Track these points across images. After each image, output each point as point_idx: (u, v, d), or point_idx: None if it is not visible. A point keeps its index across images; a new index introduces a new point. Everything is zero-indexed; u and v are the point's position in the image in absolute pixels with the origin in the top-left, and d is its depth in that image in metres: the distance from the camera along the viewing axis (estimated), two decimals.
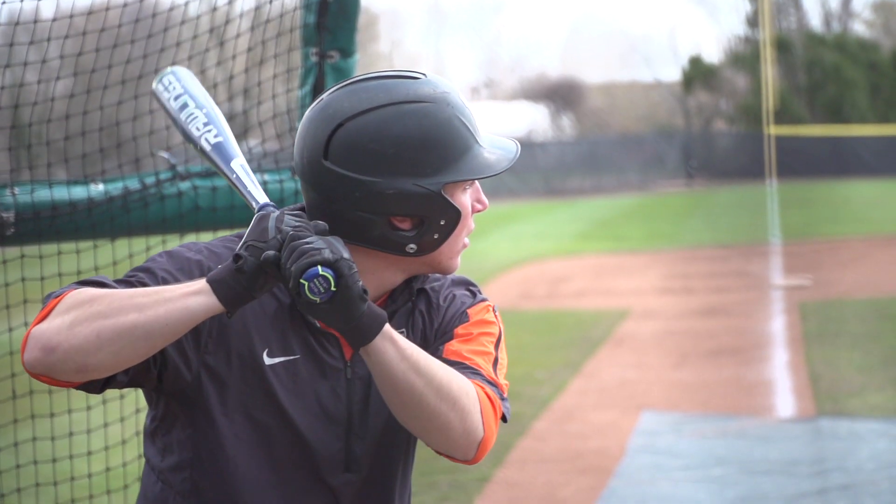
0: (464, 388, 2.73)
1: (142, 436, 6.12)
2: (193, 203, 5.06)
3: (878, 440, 9.75)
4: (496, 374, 2.86)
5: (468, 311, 2.93)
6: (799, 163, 48.70)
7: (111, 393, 5.78)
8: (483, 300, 2.98)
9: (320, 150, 2.75)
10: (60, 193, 4.85)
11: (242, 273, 2.57)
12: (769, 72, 28.54)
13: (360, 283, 2.55)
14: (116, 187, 4.99)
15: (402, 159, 2.73)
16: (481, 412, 2.75)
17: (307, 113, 2.82)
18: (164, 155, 5.16)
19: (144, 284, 2.75)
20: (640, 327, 16.28)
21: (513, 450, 9.94)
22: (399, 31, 69.23)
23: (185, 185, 5.07)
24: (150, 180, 5.05)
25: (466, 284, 3.00)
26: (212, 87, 5.32)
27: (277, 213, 2.65)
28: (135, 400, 5.75)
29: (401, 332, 2.85)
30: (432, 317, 2.93)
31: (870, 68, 57.40)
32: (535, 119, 63.31)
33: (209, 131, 2.93)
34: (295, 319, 2.83)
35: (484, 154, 2.81)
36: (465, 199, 2.83)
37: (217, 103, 3.03)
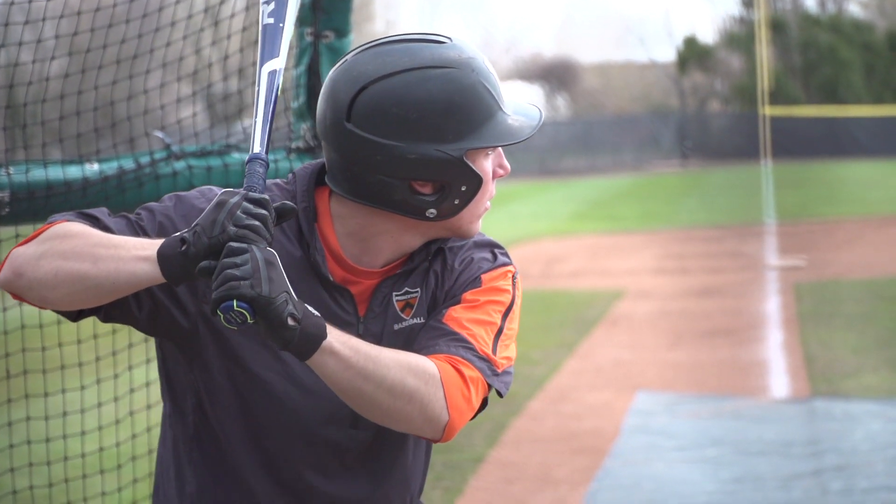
0: (423, 377, 2.68)
1: (135, 416, 6.12)
2: (188, 183, 5.04)
3: (873, 421, 9.75)
4: (495, 347, 2.82)
5: (482, 276, 2.89)
6: (794, 143, 48.69)
7: (105, 372, 5.78)
8: (503, 265, 2.93)
9: (343, 113, 2.72)
10: (55, 173, 4.84)
11: (186, 257, 2.54)
12: (764, 52, 28.54)
13: (287, 310, 2.49)
14: (111, 167, 4.97)
15: (425, 124, 2.70)
16: (446, 397, 2.71)
17: (331, 73, 2.78)
18: (159, 135, 5.15)
19: (141, 226, 2.73)
20: (634, 307, 16.27)
21: (507, 430, 9.94)
22: (394, 12, 69.04)
23: (179, 165, 5.06)
24: (144, 160, 5.03)
25: (491, 246, 2.95)
26: (207, 67, 5.31)
27: (235, 200, 2.54)
28: (128, 380, 5.74)
29: (416, 292, 2.86)
30: (444, 278, 2.90)
31: (865, 49, 57.33)
32: (530, 99, 63.19)
33: (268, 2, 2.81)
34: (307, 273, 2.79)
35: (507, 121, 2.79)
36: (486, 164, 2.79)
37: (212, 83, 2.89)
